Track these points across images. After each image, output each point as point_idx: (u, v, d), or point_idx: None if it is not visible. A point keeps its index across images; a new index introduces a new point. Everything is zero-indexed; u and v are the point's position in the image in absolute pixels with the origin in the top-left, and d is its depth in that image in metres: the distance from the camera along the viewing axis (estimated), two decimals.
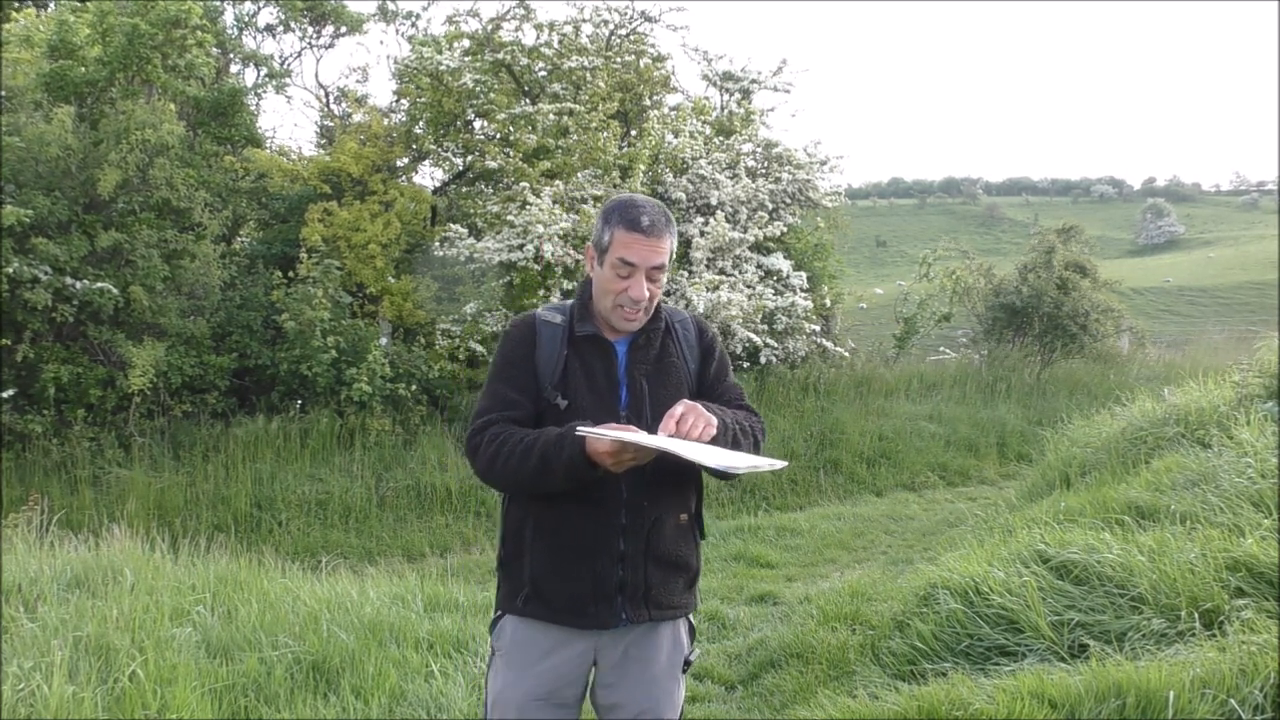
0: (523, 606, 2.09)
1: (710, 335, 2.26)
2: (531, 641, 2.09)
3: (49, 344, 7.90)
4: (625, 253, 2.01)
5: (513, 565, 2.12)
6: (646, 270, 2.03)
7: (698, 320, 2.27)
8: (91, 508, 6.64)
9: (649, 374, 2.11)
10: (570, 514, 2.04)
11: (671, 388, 2.12)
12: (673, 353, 2.17)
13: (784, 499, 8.47)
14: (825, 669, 3.93)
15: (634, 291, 2.02)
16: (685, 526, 2.15)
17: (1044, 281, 14.23)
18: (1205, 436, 5.40)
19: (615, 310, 2.07)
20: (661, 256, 2.04)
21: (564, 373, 2.07)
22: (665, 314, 2.19)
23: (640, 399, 2.08)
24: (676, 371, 2.15)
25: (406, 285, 10.26)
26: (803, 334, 10.95)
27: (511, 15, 11.36)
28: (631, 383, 2.09)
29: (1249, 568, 3.47)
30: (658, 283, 2.06)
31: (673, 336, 2.19)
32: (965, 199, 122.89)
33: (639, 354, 2.12)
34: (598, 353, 2.10)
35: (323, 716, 3.32)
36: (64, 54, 8.64)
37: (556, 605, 2.05)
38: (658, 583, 2.10)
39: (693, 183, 10.98)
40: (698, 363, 2.21)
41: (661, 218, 2.05)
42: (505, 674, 2.10)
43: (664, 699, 2.13)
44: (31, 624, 3.45)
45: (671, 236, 2.07)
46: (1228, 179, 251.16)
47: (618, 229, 2.03)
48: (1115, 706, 2.72)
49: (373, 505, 7.56)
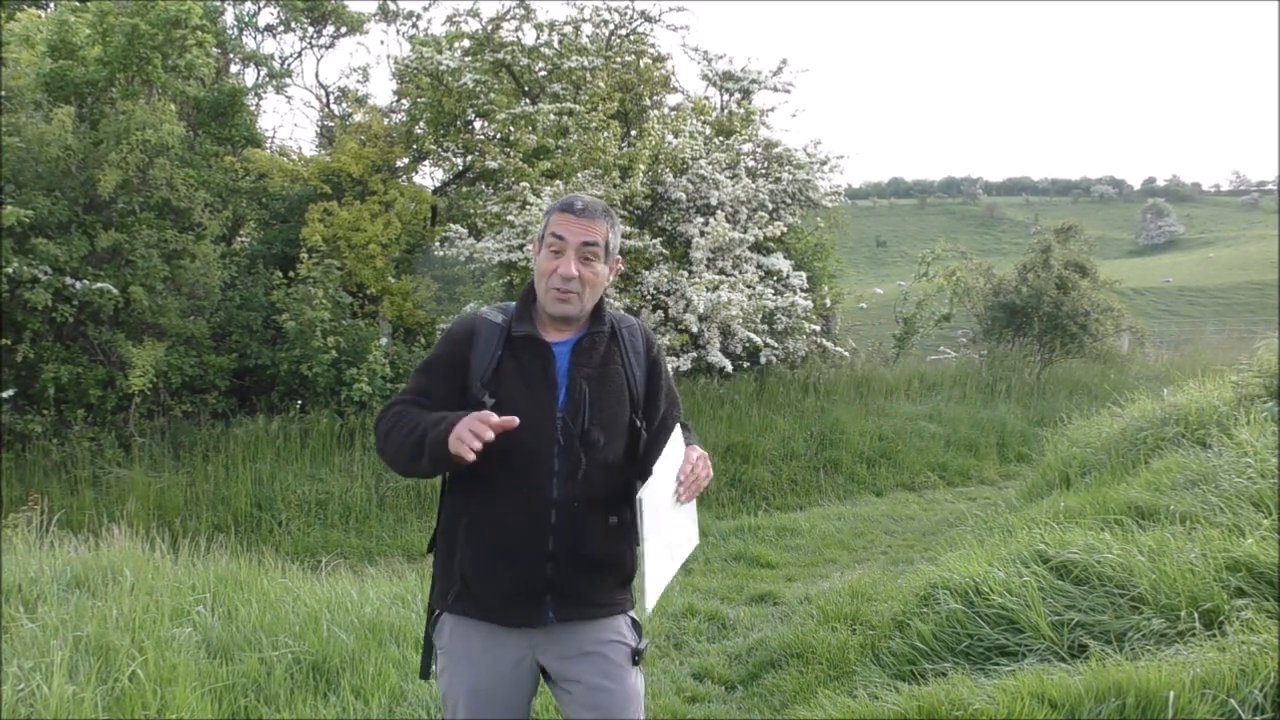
0: (452, 603, 2.10)
1: (656, 347, 2.26)
2: (466, 639, 2.10)
3: (49, 344, 7.90)
4: (556, 228, 2.07)
5: (445, 560, 2.14)
6: (577, 247, 2.05)
7: (645, 329, 2.27)
8: (91, 508, 6.63)
9: (590, 377, 2.10)
10: (502, 513, 2.05)
11: (613, 393, 2.12)
12: (617, 359, 2.16)
13: (784, 499, 8.47)
14: (825, 669, 3.93)
15: (563, 268, 2.04)
16: (616, 528, 2.12)
17: (1044, 281, 14.24)
18: (1205, 436, 5.40)
19: (549, 294, 2.07)
20: (592, 235, 2.07)
21: (495, 372, 2.07)
22: (610, 319, 2.19)
23: (579, 402, 2.06)
24: (619, 377, 2.15)
25: (406, 285, 10.27)
26: (803, 334, 10.96)
27: (511, 15, 11.37)
28: (572, 384, 2.08)
29: (1249, 568, 3.47)
30: (591, 266, 2.07)
31: (618, 342, 2.18)
32: (965, 199, 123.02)
33: (582, 356, 2.11)
34: (534, 353, 2.09)
35: (323, 716, 3.32)
36: (64, 54, 8.64)
37: (485, 603, 2.07)
38: (585, 582, 2.10)
39: (693, 183, 10.98)
40: (644, 372, 2.20)
41: (597, 206, 2.11)
42: (449, 670, 2.12)
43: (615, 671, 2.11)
44: (31, 624, 3.44)
45: (607, 225, 2.10)
46: (1228, 179, 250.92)
47: (554, 214, 2.11)
48: (1115, 706, 2.72)
49: (373, 505, 7.56)
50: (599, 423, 2.06)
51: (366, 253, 9.94)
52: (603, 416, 2.08)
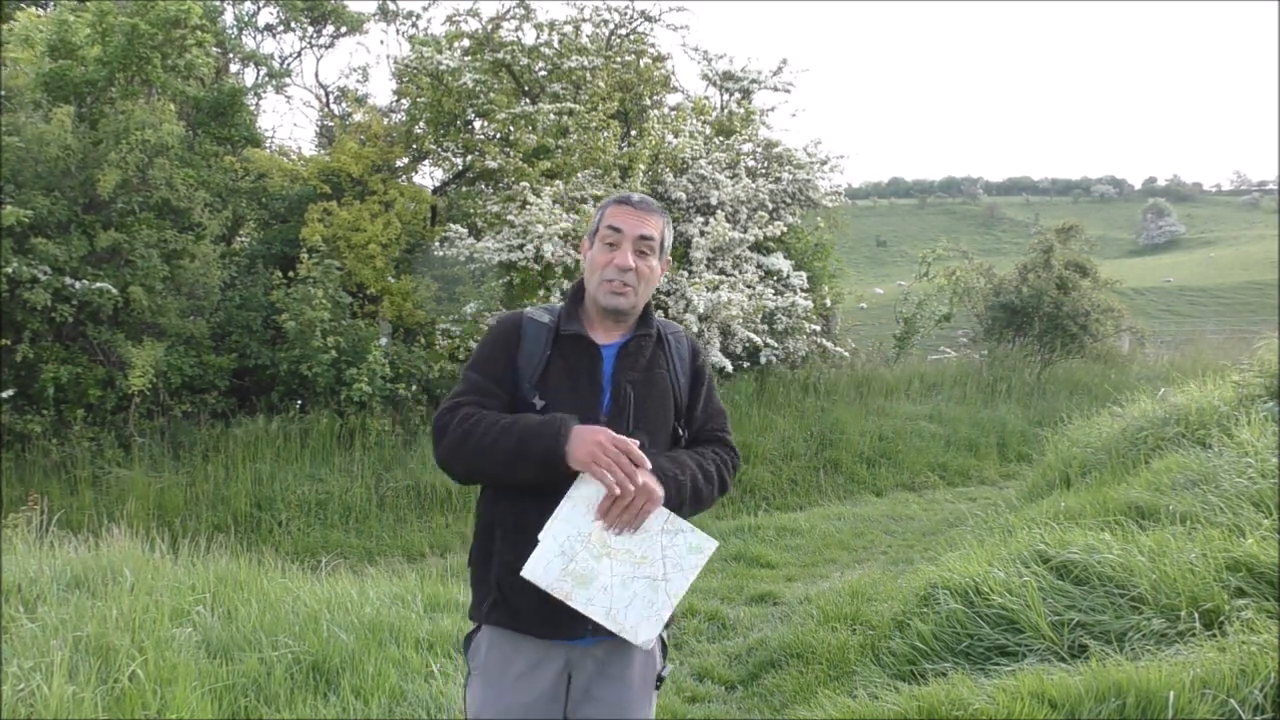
0: (488, 613, 2.03)
1: (702, 357, 2.23)
2: (506, 659, 2.03)
3: (49, 344, 7.90)
4: (612, 220, 2.05)
5: (481, 567, 2.07)
6: (633, 240, 2.03)
7: (692, 339, 2.24)
8: (91, 508, 6.64)
9: (636, 381, 2.05)
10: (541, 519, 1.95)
11: (657, 398, 2.08)
12: (663, 365, 2.12)
13: (784, 499, 8.47)
14: (825, 669, 3.93)
15: (619, 259, 2.01)
16: None
17: (1044, 281, 14.24)
18: (1205, 436, 5.40)
19: (602, 287, 2.03)
20: (648, 229, 2.04)
21: (544, 372, 2.03)
22: (659, 324, 2.18)
23: (624, 405, 2.02)
24: (664, 383, 2.11)
25: (406, 285, 10.26)
26: (803, 334, 10.95)
27: (511, 15, 11.37)
28: (616, 388, 2.04)
29: (1249, 568, 3.47)
30: (646, 260, 2.05)
31: (664, 348, 2.15)
32: (965, 199, 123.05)
33: (628, 360, 2.07)
34: (582, 353, 2.05)
35: (323, 716, 3.32)
36: (64, 54, 8.64)
37: (523, 614, 1.98)
38: None
39: (693, 183, 10.98)
40: (688, 381, 2.17)
41: (653, 202, 2.10)
42: (483, 691, 2.04)
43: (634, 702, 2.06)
44: (31, 624, 3.44)
45: (663, 221, 2.09)
46: (1228, 179, 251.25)
47: (609, 207, 2.08)
48: (1115, 706, 2.71)
49: (373, 505, 7.56)
50: (643, 427, 2.01)
51: (366, 253, 9.93)
52: (647, 422, 2.03)
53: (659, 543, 1.94)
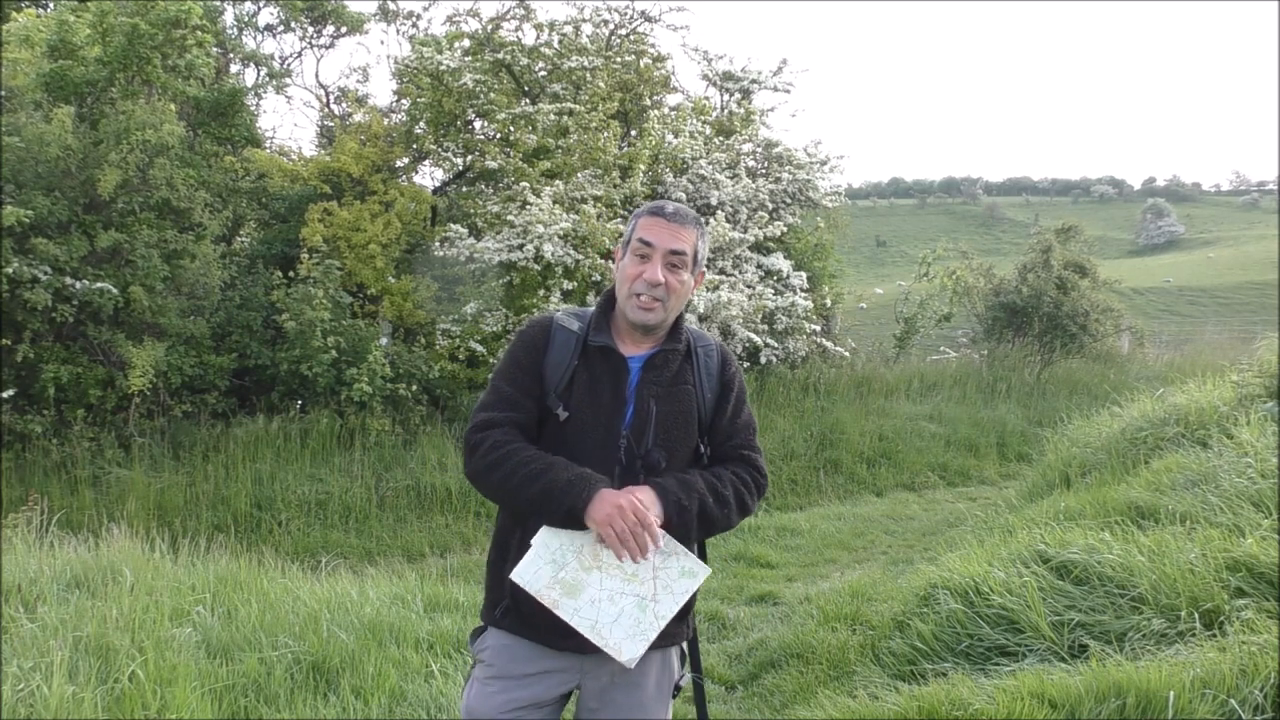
0: (500, 618, 2.03)
1: (733, 369, 2.17)
2: (513, 659, 2.02)
3: (49, 344, 7.90)
4: (644, 233, 2.02)
5: (496, 569, 2.06)
6: (664, 254, 2.00)
7: (723, 350, 2.19)
8: (91, 508, 6.64)
9: (659, 395, 2.03)
10: None
11: (681, 413, 2.05)
12: (689, 379, 2.09)
13: (784, 499, 8.47)
14: (825, 669, 3.93)
15: (649, 274, 1.98)
16: None
17: (1044, 281, 14.25)
18: (1205, 436, 5.41)
19: (631, 300, 2.01)
20: (681, 242, 2.01)
21: (570, 383, 2.02)
22: (689, 336, 2.13)
23: (645, 419, 2.00)
24: (689, 398, 2.07)
25: (406, 285, 10.26)
26: (803, 334, 10.96)
27: (511, 15, 11.37)
28: (640, 402, 2.01)
29: (1249, 568, 3.47)
30: (677, 274, 2.01)
31: (692, 361, 2.11)
32: (965, 199, 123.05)
33: (653, 373, 2.04)
34: (608, 366, 2.03)
35: (323, 716, 3.32)
36: (64, 54, 8.63)
37: (536, 623, 1.96)
38: None
39: (693, 183, 10.98)
40: (715, 394, 2.12)
41: (688, 214, 2.06)
42: (483, 687, 2.03)
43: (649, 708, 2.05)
44: (31, 624, 3.44)
45: (697, 233, 2.05)
46: (1228, 179, 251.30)
47: (642, 218, 2.05)
48: (1115, 706, 2.72)
49: (373, 505, 7.56)
50: (663, 444, 2.00)
51: (366, 253, 9.93)
52: (667, 438, 2.01)
53: (651, 563, 1.92)
